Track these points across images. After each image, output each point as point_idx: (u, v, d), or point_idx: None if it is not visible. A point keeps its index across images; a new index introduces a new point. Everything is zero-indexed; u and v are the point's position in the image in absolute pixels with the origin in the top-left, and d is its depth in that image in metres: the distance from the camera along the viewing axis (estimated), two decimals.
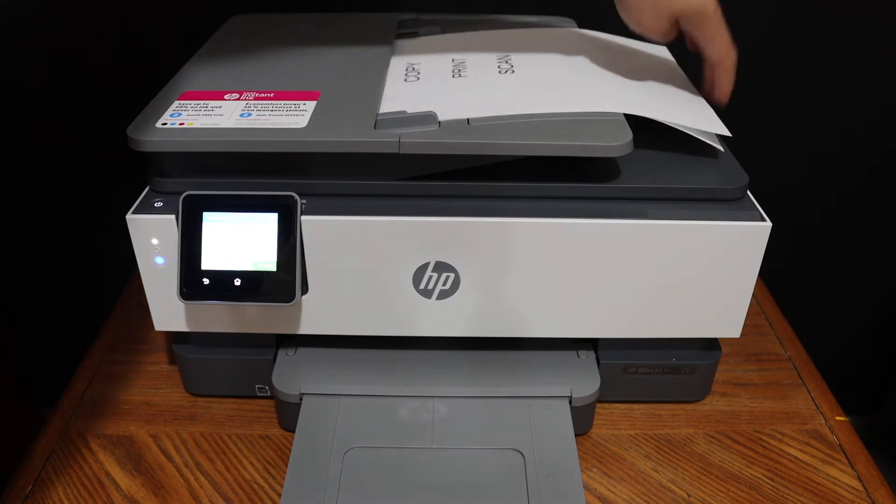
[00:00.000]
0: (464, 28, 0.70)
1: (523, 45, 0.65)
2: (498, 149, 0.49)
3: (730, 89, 0.58)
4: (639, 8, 0.54)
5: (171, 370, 0.64)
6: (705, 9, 0.53)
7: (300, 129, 0.49)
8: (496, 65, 0.60)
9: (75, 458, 0.56)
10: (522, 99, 0.53)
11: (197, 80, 0.57)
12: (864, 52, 0.89)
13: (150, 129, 0.49)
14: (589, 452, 0.57)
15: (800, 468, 0.56)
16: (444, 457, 0.52)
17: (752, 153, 0.68)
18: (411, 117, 0.50)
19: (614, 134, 0.49)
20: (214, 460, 0.56)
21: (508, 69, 0.59)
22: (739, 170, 0.53)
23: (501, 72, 0.59)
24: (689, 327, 0.55)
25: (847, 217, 1.03)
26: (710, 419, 0.60)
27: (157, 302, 0.54)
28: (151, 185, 0.52)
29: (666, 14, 0.53)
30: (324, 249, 0.51)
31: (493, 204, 0.51)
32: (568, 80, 0.57)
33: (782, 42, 0.89)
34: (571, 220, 0.49)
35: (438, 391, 0.56)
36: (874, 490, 0.54)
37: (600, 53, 0.62)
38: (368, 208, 0.50)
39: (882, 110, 0.94)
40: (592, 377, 0.56)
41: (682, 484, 0.55)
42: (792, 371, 0.65)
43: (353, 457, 0.51)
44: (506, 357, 0.58)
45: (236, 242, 0.50)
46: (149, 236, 0.50)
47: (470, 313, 0.54)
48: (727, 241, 0.50)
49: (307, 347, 0.58)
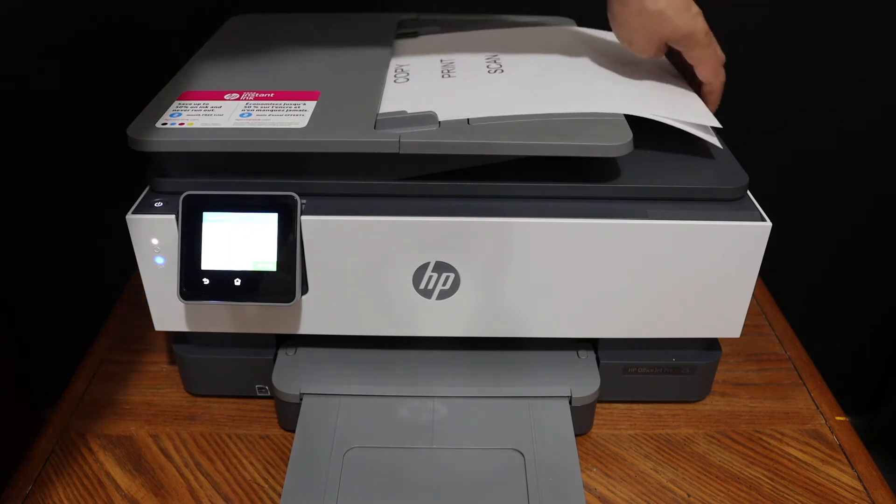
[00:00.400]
0: (464, 28, 0.70)
1: (517, 44, 0.65)
2: (498, 149, 0.49)
3: (715, 108, 0.58)
4: (630, 30, 0.54)
5: (171, 370, 0.64)
6: (694, 34, 0.53)
7: (300, 129, 0.49)
8: (485, 65, 0.60)
9: (75, 458, 0.56)
10: (522, 99, 0.53)
11: (197, 80, 0.57)
12: (864, 51, 0.89)
13: (150, 129, 0.49)
14: (589, 452, 0.57)
15: (800, 468, 0.56)
16: (444, 457, 0.52)
17: (752, 153, 0.68)
18: (411, 117, 0.50)
19: (614, 134, 0.49)
20: (214, 460, 0.56)
21: (497, 69, 0.59)
22: (739, 170, 0.53)
23: (491, 72, 0.59)
24: (689, 327, 0.55)
25: (847, 217, 1.03)
26: (710, 419, 0.60)
27: (157, 302, 0.54)
28: (151, 185, 0.52)
29: (656, 39, 0.54)
30: (324, 249, 0.51)
31: (493, 204, 0.51)
32: (559, 80, 0.57)
33: (782, 42, 0.89)
34: (571, 220, 0.49)
35: (438, 391, 0.56)
36: (874, 490, 0.54)
37: (593, 52, 0.62)
38: (368, 208, 0.50)
39: (882, 110, 0.94)
40: (592, 377, 0.56)
41: (682, 484, 0.55)
42: (792, 371, 0.65)
43: (353, 457, 0.51)
44: (506, 357, 0.58)
45: (236, 242, 0.50)
46: (149, 236, 0.50)
47: (470, 313, 0.54)
48: (727, 241, 0.50)
49: (307, 347, 0.58)
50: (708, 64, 0.56)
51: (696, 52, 0.55)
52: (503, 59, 0.61)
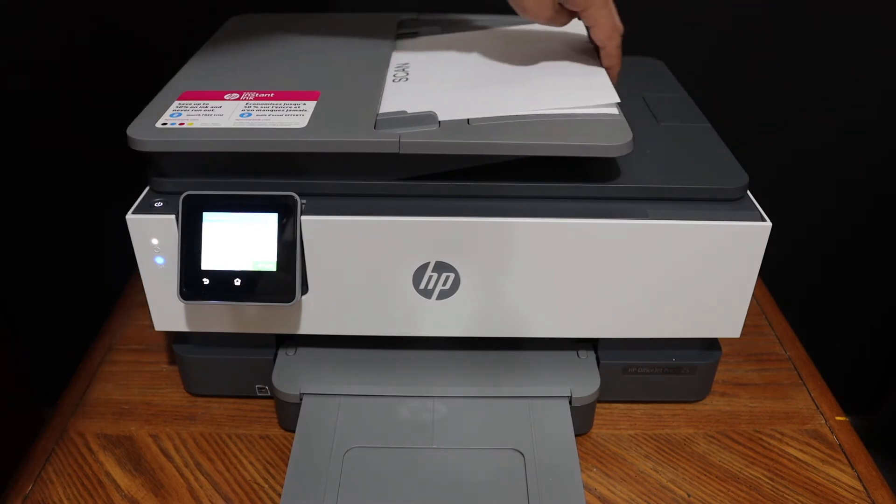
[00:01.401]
0: (464, 28, 0.70)
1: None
2: (498, 149, 0.49)
3: (615, 73, 0.57)
4: None
5: (171, 370, 0.64)
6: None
7: (300, 129, 0.49)
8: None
9: (75, 458, 0.56)
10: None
11: (197, 80, 0.57)
12: (864, 51, 0.89)
13: (150, 129, 0.49)
14: (589, 452, 0.57)
15: (800, 468, 0.56)
16: (444, 457, 0.52)
17: (752, 153, 0.68)
18: (411, 117, 0.50)
19: (614, 134, 0.49)
20: (214, 460, 0.56)
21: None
22: (739, 170, 0.53)
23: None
24: (689, 327, 0.55)
25: (847, 217, 1.03)
26: (710, 419, 0.60)
27: (157, 302, 0.54)
28: (151, 185, 0.52)
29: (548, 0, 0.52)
30: (324, 249, 0.51)
31: (493, 204, 0.51)
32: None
33: (782, 41, 0.89)
34: (571, 220, 0.49)
35: (438, 391, 0.56)
36: (874, 490, 0.54)
37: (503, 49, 0.62)
38: (368, 208, 0.50)
39: (882, 110, 0.94)
40: (592, 377, 0.56)
41: (682, 484, 0.55)
42: (792, 371, 0.65)
43: (353, 457, 0.51)
44: (506, 357, 0.58)
45: (236, 242, 0.50)
46: (149, 236, 0.50)
47: (470, 313, 0.54)
48: (727, 241, 0.50)
49: (307, 347, 0.58)
50: (602, 26, 0.54)
51: (591, 13, 0.53)
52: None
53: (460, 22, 0.72)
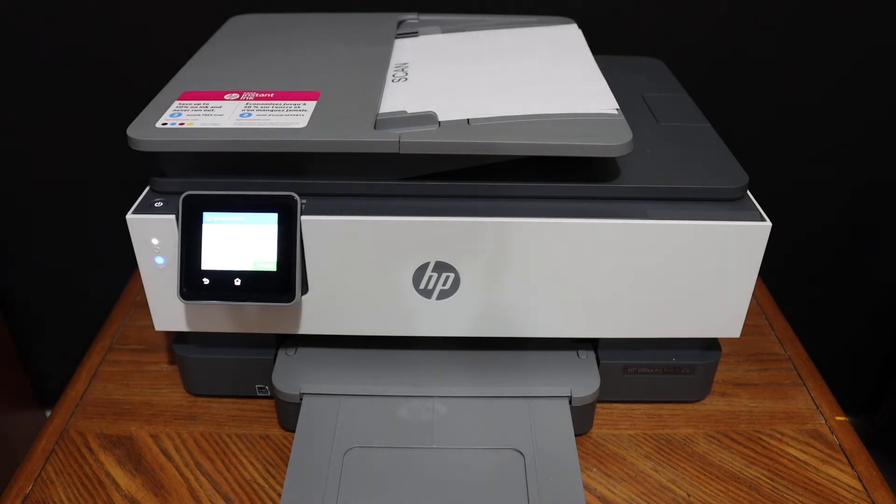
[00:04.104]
0: (464, 28, 0.70)
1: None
2: (498, 149, 0.49)
3: None
4: None
5: (171, 370, 0.64)
6: None
7: (300, 129, 0.49)
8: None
9: (75, 458, 0.56)
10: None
11: (197, 80, 0.57)
12: (864, 52, 0.89)
13: (150, 129, 0.49)
14: (589, 452, 0.57)
15: (800, 468, 0.56)
16: (444, 457, 0.52)
17: (752, 153, 0.68)
18: (411, 117, 0.50)
19: (614, 134, 0.49)
20: (214, 460, 0.56)
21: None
22: (739, 170, 0.53)
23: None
24: (689, 327, 0.55)
25: (847, 217, 1.03)
26: (710, 419, 0.60)
27: (157, 302, 0.54)
28: (151, 185, 0.52)
29: None
30: (324, 249, 0.51)
31: (493, 204, 0.51)
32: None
33: (782, 41, 0.89)
34: (571, 220, 0.49)
35: (438, 391, 0.56)
36: (874, 490, 0.54)
37: (503, 49, 0.62)
38: (368, 208, 0.50)
39: (882, 110, 0.94)
40: (592, 377, 0.56)
41: (682, 484, 0.55)
42: (792, 371, 0.65)
43: (353, 457, 0.51)
44: (506, 357, 0.58)
45: (236, 242, 0.50)
46: (149, 236, 0.50)
47: (470, 313, 0.54)
48: (727, 241, 0.50)
49: (307, 347, 0.58)
50: None
51: None
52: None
53: (460, 22, 0.72)
